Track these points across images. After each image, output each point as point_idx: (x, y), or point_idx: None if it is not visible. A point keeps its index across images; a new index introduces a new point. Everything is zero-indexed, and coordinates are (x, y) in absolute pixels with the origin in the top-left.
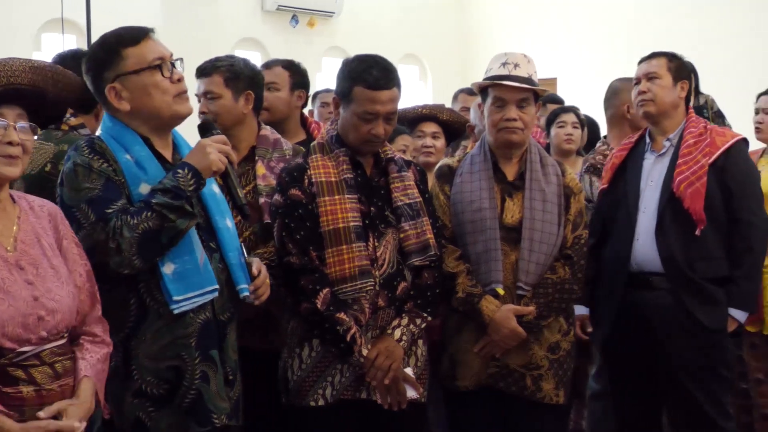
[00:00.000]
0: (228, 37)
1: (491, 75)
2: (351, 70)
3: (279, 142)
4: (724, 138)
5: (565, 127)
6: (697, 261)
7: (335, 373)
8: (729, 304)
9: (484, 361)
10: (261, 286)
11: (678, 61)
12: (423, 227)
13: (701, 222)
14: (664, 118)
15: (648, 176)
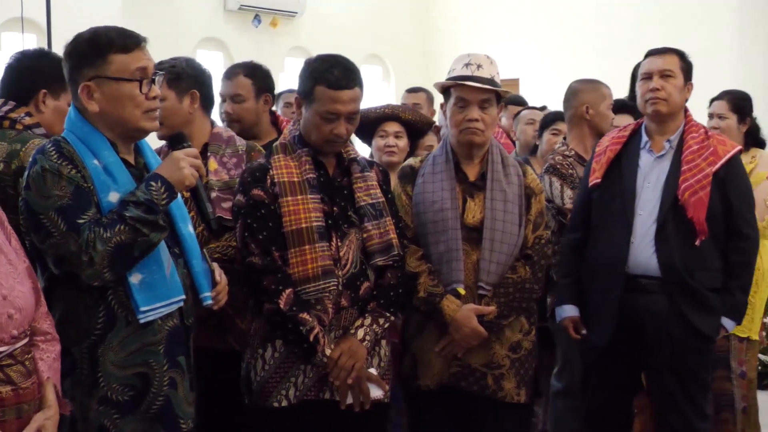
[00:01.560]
0: (190, 37)
1: (454, 75)
2: (313, 69)
3: (233, 139)
4: (725, 147)
5: (559, 135)
6: (697, 270)
7: (298, 373)
8: (722, 313)
9: (445, 360)
10: (221, 291)
11: (688, 61)
12: (386, 227)
13: (703, 233)
14: (671, 119)
15: (645, 177)
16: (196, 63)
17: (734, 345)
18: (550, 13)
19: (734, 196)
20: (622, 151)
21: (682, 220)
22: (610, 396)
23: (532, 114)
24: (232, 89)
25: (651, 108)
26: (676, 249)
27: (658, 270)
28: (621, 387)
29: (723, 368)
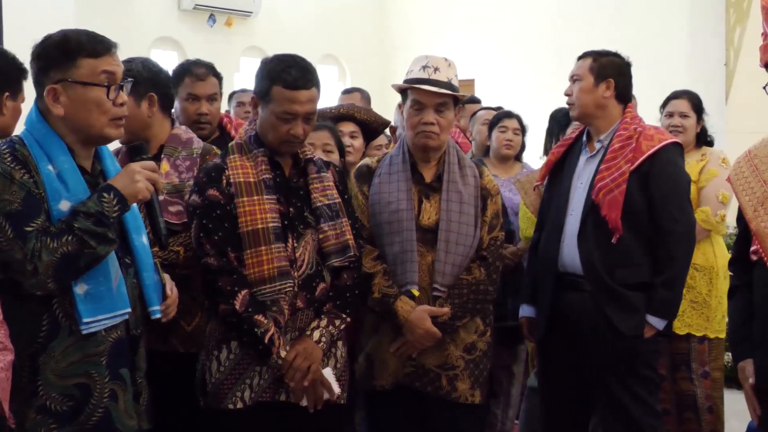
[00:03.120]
0: (144, 37)
1: (411, 78)
2: (270, 69)
3: (191, 141)
4: (651, 143)
5: (506, 132)
6: (617, 267)
7: (254, 375)
8: (647, 311)
9: (400, 361)
10: (171, 305)
11: (604, 60)
12: (342, 228)
13: (617, 231)
14: (593, 120)
15: (578, 177)
16: (153, 63)
17: (694, 346)
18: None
19: (656, 191)
20: (567, 153)
21: (601, 219)
22: (559, 393)
23: (488, 114)
24: (209, 89)
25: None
26: (596, 247)
27: (581, 268)
28: (567, 384)
29: (684, 369)
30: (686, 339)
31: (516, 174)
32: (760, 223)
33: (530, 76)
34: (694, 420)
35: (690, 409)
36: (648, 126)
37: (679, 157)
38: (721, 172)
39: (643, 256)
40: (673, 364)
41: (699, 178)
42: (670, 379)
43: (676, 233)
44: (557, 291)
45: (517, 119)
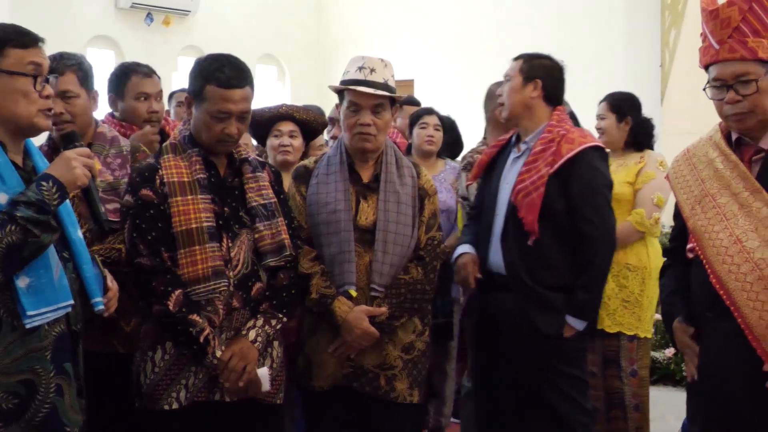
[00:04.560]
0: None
1: (347, 79)
2: (203, 68)
3: (116, 139)
4: (571, 146)
5: (427, 128)
6: (538, 269)
7: (189, 375)
8: (567, 312)
9: (339, 361)
10: (113, 297)
11: (534, 62)
12: (278, 228)
13: (533, 233)
14: (520, 120)
15: (505, 178)
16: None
17: (623, 344)
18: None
19: (574, 195)
20: (499, 155)
21: (521, 221)
22: (491, 393)
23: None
24: (157, 87)
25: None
26: (517, 248)
27: (504, 268)
28: (499, 383)
29: (613, 367)
30: (617, 337)
31: (439, 171)
32: (697, 221)
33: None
34: (621, 418)
35: (618, 407)
36: (574, 129)
37: (598, 160)
38: (658, 174)
39: (563, 259)
40: (604, 361)
41: (636, 180)
42: (600, 377)
43: (594, 237)
44: (486, 290)
45: (437, 115)
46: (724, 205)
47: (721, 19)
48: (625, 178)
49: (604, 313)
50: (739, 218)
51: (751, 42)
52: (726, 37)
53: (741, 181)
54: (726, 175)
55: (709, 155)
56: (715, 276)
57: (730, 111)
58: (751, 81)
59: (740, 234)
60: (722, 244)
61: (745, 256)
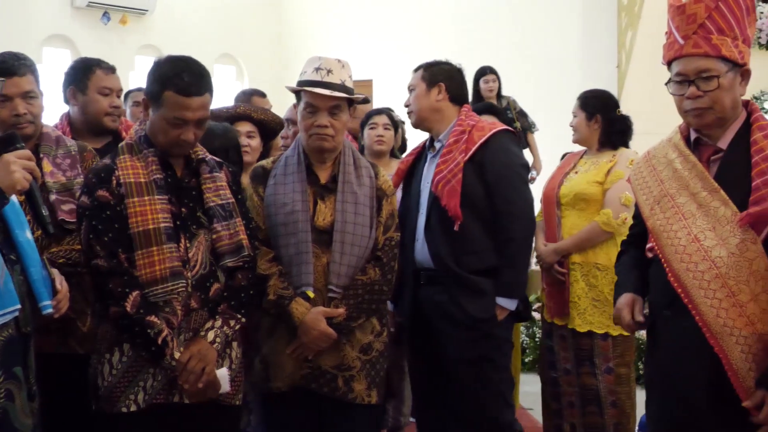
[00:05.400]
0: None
1: (304, 80)
2: (162, 73)
3: (62, 139)
4: (482, 133)
5: (377, 128)
6: (463, 255)
7: (147, 377)
8: (496, 294)
9: (297, 362)
10: (62, 299)
11: (433, 68)
12: (236, 228)
13: (457, 218)
14: (431, 123)
15: (424, 178)
16: None
17: (597, 343)
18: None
19: (489, 177)
20: (417, 160)
21: (442, 210)
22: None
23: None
24: (119, 84)
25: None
26: (441, 238)
27: (431, 261)
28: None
29: (586, 365)
30: (588, 336)
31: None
32: (656, 221)
33: None
34: (597, 413)
35: (593, 402)
36: (483, 120)
37: (510, 142)
38: (627, 173)
39: (487, 242)
40: (577, 359)
41: (605, 180)
42: (574, 374)
43: (511, 214)
44: (416, 288)
45: (386, 114)
46: (683, 205)
47: (687, 15)
48: (595, 178)
49: (575, 312)
50: (698, 217)
51: (715, 39)
52: (691, 33)
53: (699, 181)
54: (684, 176)
55: (668, 156)
56: (674, 274)
57: (689, 106)
58: (712, 77)
59: (698, 233)
60: (680, 243)
61: (702, 254)
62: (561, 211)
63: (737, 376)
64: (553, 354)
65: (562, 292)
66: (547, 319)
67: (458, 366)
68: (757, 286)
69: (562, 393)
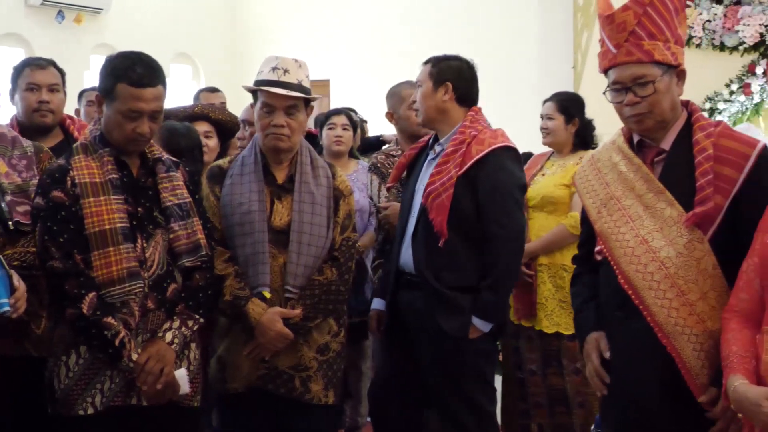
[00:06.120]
0: None
1: (260, 79)
2: (114, 67)
3: (18, 140)
4: (481, 147)
5: (335, 128)
6: (444, 270)
7: (105, 379)
8: (473, 313)
9: (253, 363)
10: (20, 298)
11: (442, 65)
12: (193, 227)
13: (442, 235)
14: (436, 124)
15: (420, 180)
16: None
17: (564, 344)
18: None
19: (481, 196)
20: (418, 156)
21: (430, 222)
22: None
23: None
24: (50, 78)
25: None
26: (425, 249)
27: (413, 268)
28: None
29: (554, 365)
30: (556, 337)
31: (352, 171)
32: (604, 223)
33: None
34: (565, 413)
35: (561, 403)
36: (486, 130)
37: (508, 160)
38: None
39: (471, 260)
40: (544, 360)
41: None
42: (541, 375)
43: (501, 238)
44: (397, 289)
45: (345, 114)
46: (629, 207)
47: (617, 24)
48: (562, 180)
49: (542, 313)
50: (645, 219)
51: (647, 44)
52: (623, 41)
53: (644, 182)
54: (630, 178)
55: (612, 159)
56: (624, 276)
57: (629, 113)
58: (648, 82)
59: (646, 234)
60: (629, 245)
61: (651, 255)
62: (528, 213)
63: (690, 375)
64: (519, 355)
65: (530, 293)
66: (514, 320)
67: (433, 375)
68: (706, 285)
69: (529, 394)
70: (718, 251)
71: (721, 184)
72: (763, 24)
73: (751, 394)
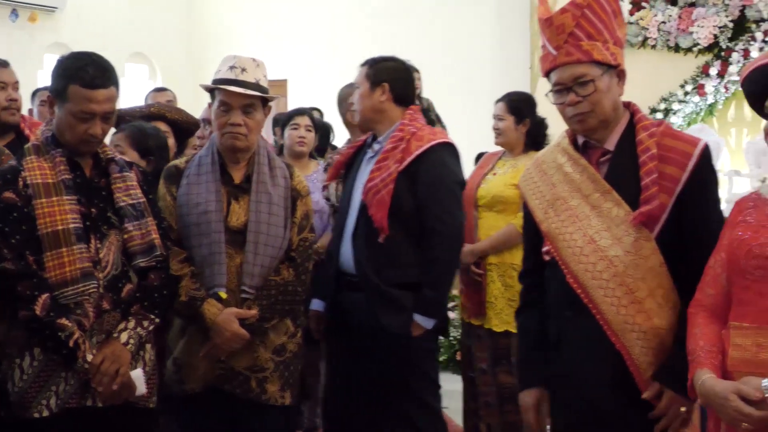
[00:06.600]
0: None
1: (218, 78)
2: (66, 68)
3: None
4: (420, 143)
5: (298, 129)
6: (386, 267)
7: (59, 381)
8: (414, 310)
9: (209, 363)
10: None
11: (379, 66)
12: (148, 227)
13: (382, 231)
14: (374, 124)
15: (359, 178)
16: None
17: (514, 342)
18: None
19: (421, 192)
20: (356, 155)
21: (370, 219)
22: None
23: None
24: (14, 77)
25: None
26: (366, 246)
27: (354, 268)
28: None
29: (504, 364)
30: (505, 335)
31: (312, 172)
32: (551, 224)
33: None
34: (514, 412)
35: (511, 401)
36: (425, 127)
37: (448, 156)
38: None
39: (412, 257)
40: (494, 359)
41: None
42: (491, 373)
43: (440, 234)
44: (338, 289)
45: (308, 115)
46: (576, 207)
47: (555, 26)
48: (512, 180)
49: (492, 312)
50: (592, 219)
51: (586, 45)
52: (562, 43)
53: (591, 183)
54: (576, 179)
55: (557, 160)
56: (572, 276)
57: (571, 112)
58: (588, 81)
59: (593, 234)
60: (577, 244)
61: (599, 254)
62: (478, 212)
63: (639, 371)
64: (470, 354)
65: (479, 292)
66: (464, 319)
67: (380, 376)
68: (653, 282)
69: (479, 393)
70: (664, 249)
71: (666, 183)
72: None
73: (719, 388)
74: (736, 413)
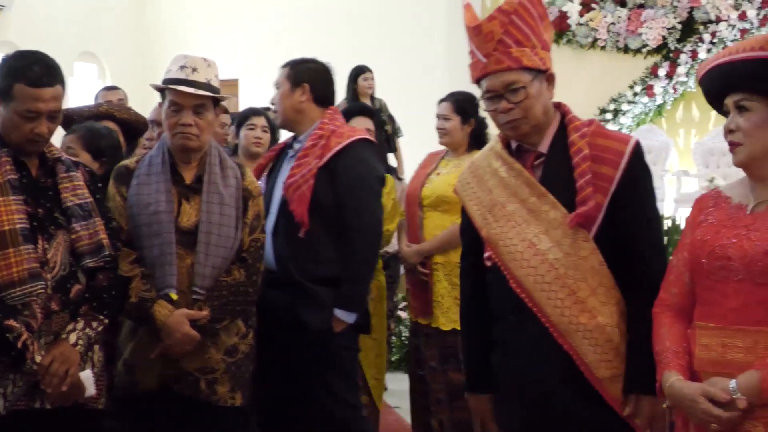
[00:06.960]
0: None
1: (168, 78)
2: (11, 67)
3: None
4: (340, 140)
5: (255, 129)
6: (307, 263)
7: (7, 383)
8: (334, 305)
9: (160, 364)
10: None
11: (299, 67)
12: (95, 227)
13: (303, 225)
14: (294, 124)
15: (280, 177)
16: None
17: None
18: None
19: (341, 187)
20: (279, 157)
21: (291, 214)
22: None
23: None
24: None
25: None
26: (286, 243)
27: (275, 264)
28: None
29: (453, 361)
30: (453, 333)
31: None
32: (491, 229)
33: None
34: (464, 408)
35: (460, 397)
36: (345, 126)
37: (367, 152)
38: None
39: (332, 252)
40: (442, 357)
41: None
42: (440, 371)
43: (359, 228)
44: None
45: (264, 116)
46: (514, 212)
47: (484, 34)
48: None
49: (439, 311)
50: (530, 222)
51: (515, 52)
52: (491, 50)
53: (527, 187)
54: (512, 183)
55: (492, 165)
56: (515, 280)
57: (503, 119)
58: (519, 88)
59: (533, 237)
60: (517, 249)
61: (540, 258)
62: (423, 212)
63: (589, 369)
64: (419, 353)
65: (426, 292)
66: (412, 318)
67: (301, 373)
68: (594, 281)
69: (430, 390)
70: (603, 248)
71: (600, 183)
72: (665, 27)
73: (688, 390)
74: (705, 415)
